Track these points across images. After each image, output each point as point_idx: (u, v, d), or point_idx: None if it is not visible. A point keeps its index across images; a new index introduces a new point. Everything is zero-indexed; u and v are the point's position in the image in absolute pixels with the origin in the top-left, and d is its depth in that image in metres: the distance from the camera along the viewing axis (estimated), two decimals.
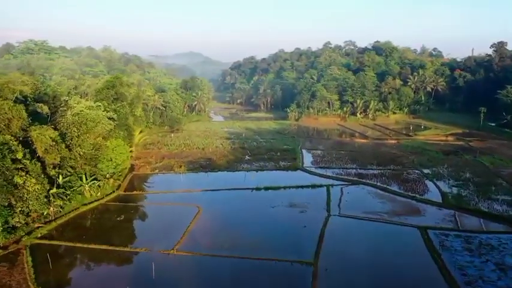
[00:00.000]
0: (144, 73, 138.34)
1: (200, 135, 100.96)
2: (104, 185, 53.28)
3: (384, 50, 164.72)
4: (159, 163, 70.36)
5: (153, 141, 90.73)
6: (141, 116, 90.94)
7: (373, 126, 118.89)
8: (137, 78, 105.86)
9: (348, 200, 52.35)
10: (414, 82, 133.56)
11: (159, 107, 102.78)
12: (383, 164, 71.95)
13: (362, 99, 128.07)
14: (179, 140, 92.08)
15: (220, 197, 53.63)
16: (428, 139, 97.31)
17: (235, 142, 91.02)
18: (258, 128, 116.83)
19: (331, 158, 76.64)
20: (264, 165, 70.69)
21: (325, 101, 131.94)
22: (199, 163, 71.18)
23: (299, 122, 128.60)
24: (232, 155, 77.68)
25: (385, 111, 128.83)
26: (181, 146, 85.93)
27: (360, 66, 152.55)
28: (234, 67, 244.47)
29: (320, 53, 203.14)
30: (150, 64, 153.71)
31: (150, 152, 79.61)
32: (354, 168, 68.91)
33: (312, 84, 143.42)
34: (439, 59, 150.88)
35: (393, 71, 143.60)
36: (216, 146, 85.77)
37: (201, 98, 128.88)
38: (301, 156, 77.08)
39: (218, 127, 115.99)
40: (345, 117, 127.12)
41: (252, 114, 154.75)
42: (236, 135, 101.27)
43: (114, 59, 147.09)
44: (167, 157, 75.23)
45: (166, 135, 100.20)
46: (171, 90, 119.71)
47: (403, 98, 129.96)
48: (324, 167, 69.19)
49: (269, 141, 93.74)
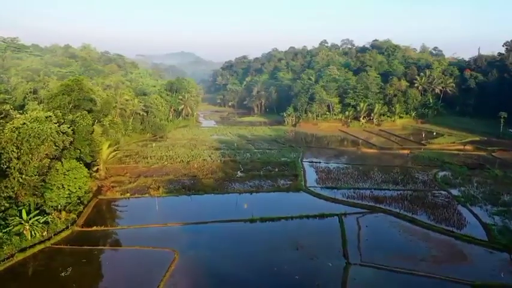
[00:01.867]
0: (126, 74, 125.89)
1: (186, 144, 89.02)
2: (53, 220, 41.16)
3: (386, 49, 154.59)
4: (133, 183, 58.23)
5: (130, 153, 78.63)
6: (116, 124, 78.72)
7: (379, 132, 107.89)
8: (114, 80, 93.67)
9: (368, 238, 40.77)
10: (421, 83, 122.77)
11: (139, 112, 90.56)
12: (400, 181, 60.72)
13: (365, 102, 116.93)
14: (161, 151, 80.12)
15: (204, 235, 41.71)
16: (444, 148, 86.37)
17: (226, 153, 79.25)
18: (252, 135, 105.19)
19: (338, 174, 65.13)
20: (259, 184, 58.92)
21: (324, 104, 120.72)
22: (181, 182, 59.22)
23: (297, 127, 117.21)
24: (222, 170, 65.84)
25: (390, 116, 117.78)
26: (163, 158, 73.91)
27: (361, 66, 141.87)
28: (225, 67, 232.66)
29: (316, 52, 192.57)
30: (133, 64, 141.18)
31: (125, 168, 67.51)
32: (367, 188, 57.43)
33: (309, 85, 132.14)
34: (446, 59, 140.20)
35: (397, 71, 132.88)
36: (203, 159, 73.91)
37: (188, 101, 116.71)
38: (303, 172, 65.45)
39: (207, 134, 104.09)
40: (347, 122, 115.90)
41: (244, 118, 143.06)
42: (227, 144, 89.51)
43: (93, 58, 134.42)
44: (144, 174, 63.22)
45: (148, 145, 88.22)
46: (155, 92, 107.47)
47: (409, 101, 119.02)
48: (331, 187, 57.58)
49: (265, 152, 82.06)
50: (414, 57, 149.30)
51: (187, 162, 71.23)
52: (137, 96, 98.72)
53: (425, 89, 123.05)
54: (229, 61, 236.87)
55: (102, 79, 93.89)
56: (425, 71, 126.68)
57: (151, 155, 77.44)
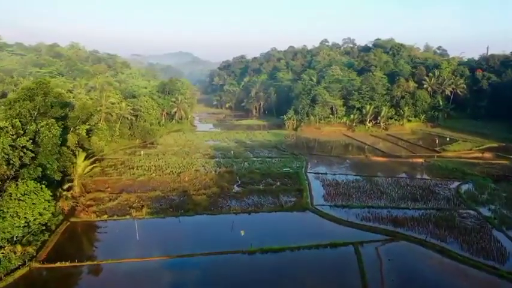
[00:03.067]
0: (117, 74, 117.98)
1: (178, 151, 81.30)
2: (6, 256, 33.47)
3: (391, 48, 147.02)
4: (114, 201, 50.52)
5: (115, 163, 70.83)
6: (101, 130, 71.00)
7: (386, 137, 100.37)
8: (100, 81, 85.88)
9: (394, 277, 33.27)
10: (431, 84, 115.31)
11: (127, 116, 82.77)
12: (420, 197, 53.25)
13: (371, 104, 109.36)
14: (150, 160, 72.40)
15: (191, 274, 34.09)
16: (461, 156, 78.88)
17: (222, 163, 71.57)
18: (250, 140, 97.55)
19: (347, 188, 57.50)
20: (258, 202, 51.29)
21: (327, 107, 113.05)
22: (169, 200, 51.56)
23: (298, 131, 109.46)
24: (217, 184, 58.17)
25: (398, 119, 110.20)
26: (151, 169, 66.19)
27: (365, 66, 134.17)
28: (222, 67, 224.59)
29: (317, 52, 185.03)
30: (124, 64, 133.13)
31: (107, 181, 59.72)
32: (384, 207, 49.90)
33: (311, 86, 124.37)
34: (455, 58, 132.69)
35: (403, 72, 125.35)
36: (196, 170, 66.23)
37: (182, 103, 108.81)
38: (308, 186, 57.82)
39: (202, 140, 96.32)
40: (352, 126, 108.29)
41: (242, 121, 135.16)
42: (223, 152, 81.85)
43: (80, 57, 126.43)
44: (128, 189, 55.50)
45: (136, 152, 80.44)
46: (145, 94, 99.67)
47: (418, 103, 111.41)
48: (342, 206, 50.01)
49: (264, 160, 74.37)
50: (421, 57, 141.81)
51: (178, 173, 63.49)
52: (126, 98, 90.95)
53: (435, 90, 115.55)
54: (226, 61, 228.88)
55: (86, 80, 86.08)
56: (434, 71, 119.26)
57: (138, 164, 69.74)
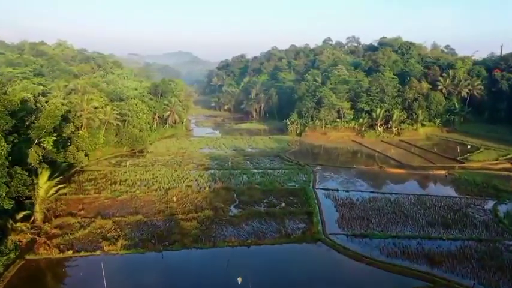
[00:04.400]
0: (106, 74, 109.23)
1: (169, 161, 72.64)
2: None
3: (399, 47, 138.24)
4: (85, 229, 41.74)
5: (96, 176, 62.13)
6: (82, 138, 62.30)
7: (399, 143, 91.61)
8: (82, 83, 77.17)
9: None
10: (445, 85, 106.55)
11: (112, 121, 73.93)
12: (452, 222, 44.53)
13: (382, 107, 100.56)
14: (136, 173, 63.77)
15: None
16: (487, 167, 70.07)
17: (217, 176, 62.85)
18: (250, 147, 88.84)
19: (365, 209, 48.73)
20: (260, 229, 42.54)
21: (334, 110, 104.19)
22: (152, 227, 42.82)
23: (302, 137, 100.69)
24: (210, 204, 49.44)
25: (411, 123, 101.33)
26: (135, 185, 57.55)
27: (373, 66, 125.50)
28: (221, 67, 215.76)
29: (320, 51, 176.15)
30: (115, 63, 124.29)
31: (82, 200, 51.04)
32: (412, 236, 41.13)
33: (315, 87, 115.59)
34: (470, 57, 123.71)
35: (414, 72, 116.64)
36: (187, 185, 57.52)
37: (176, 106, 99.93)
38: (319, 207, 49.07)
39: (197, 146, 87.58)
40: (362, 131, 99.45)
41: (242, 124, 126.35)
42: (220, 162, 73.16)
43: (67, 56, 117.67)
44: (104, 212, 46.82)
45: (122, 162, 71.79)
46: (135, 97, 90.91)
47: (432, 106, 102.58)
48: (361, 235, 41.25)
49: (266, 172, 65.61)
50: (432, 56, 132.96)
51: (166, 190, 54.71)
52: (112, 101, 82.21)
53: (450, 92, 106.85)
54: (225, 60, 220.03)
55: (65, 82, 77.26)
56: (448, 71, 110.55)
57: (122, 178, 61.08)
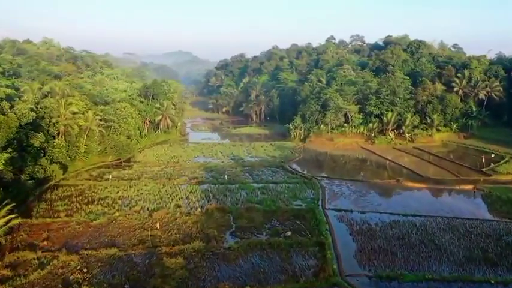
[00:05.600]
0: (95, 74, 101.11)
1: (158, 173, 64.58)
2: None
3: (409, 45, 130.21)
4: (43, 269, 33.52)
5: (72, 193, 54.00)
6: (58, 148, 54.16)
7: (413, 151, 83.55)
8: (60, 85, 68.71)
9: None
10: (461, 87, 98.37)
11: (94, 128, 65.77)
12: (495, 256, 36.33)
13: (393, 111, 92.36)
14: (118, 189, 55.69)
15: None
16: None
17: (211, 192, 54.72)
18: (250, 155, 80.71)
19: (387, 238, 40.40)
20: (261, 268, 34.32)
21: (341, 114, 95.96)
22: (128, 264, 34.61)
23: (306, 143, 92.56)
24: (202, 231, 41.27)
25: (425, 128, 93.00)
26: (116, 204, 49.42)
27: (381, 66, 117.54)
28: (220, 66, 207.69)
29: (323, 50, 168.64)
30: (105, 63, 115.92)
31: (50, 225, 42.94)
32: (450, 279, 32.87)
33: (320, 89, 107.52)
34: (485, 56, 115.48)
35: (425, 72, 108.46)
36: (176, 204, 49.41)
37: (168, 110, 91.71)
38: (331, 235, 40.85)
39: (191, 155, 79.47)
40: (371, 137, 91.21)
41: (241, 129, 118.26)
42: (215, 173, 65.09)
43: (52, 55, 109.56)
44: (72, 243, 38.67)
45: (105, 174, 63.71)
46: (124, 100, 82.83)
47: (448, 110, 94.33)
48: (387, 278, 33.03)
49: (268, 187, 57.33)
50: (444, 55, 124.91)
51: (151, 212, 46.52)
52: (97, 105, 74.16)
53: (467, 94, 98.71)
54: (224, 60, 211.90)
55: (39, 84, 68.99)
56: (463, 71, 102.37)
57: (101, 195, 53.01)
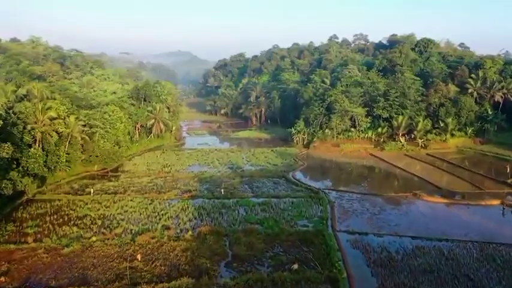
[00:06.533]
0: (84, 75, 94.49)
1: (147, 186, 58.00)
2: None
3: (416, 44, 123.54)
4: None
5: (46, 210, 47.45)
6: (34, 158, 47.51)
7: (427, 158, 76.96)
8: (39, 87, 61.89)
9: None
10: (476, 89, 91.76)
11: (76, 135, 59.16)
12: None
13: (404, 115, 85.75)
14: (100, 205, 49.15)
15: None
16: None
17: (206, 208, 48.14)
18: (249, 163, 74.10)
19: (412, 271, 33.65)
20: None
21: (347, 117, 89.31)
22: None
23: (310, 149, 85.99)
24: (191, 262, 34.65)
25: (438, 133, 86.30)
26: (94, 225, 42.83)
27: (388, 66, 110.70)
28: (218, 66, 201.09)
29: (326, 49, 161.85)
30: (96, 63, 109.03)
31: (13, 254, 36.40)
32: None
33: (324, 90, 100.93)
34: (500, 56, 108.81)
35: (435, 72, 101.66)
36: (164, 225, 42.78)
37: (161, 113, 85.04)
38: (345, 266, 34.24)
39: (185, 163, 72.88)
40: (381, 142, 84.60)
41: (240, 133, 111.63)
42: (211, 185, 58.54)
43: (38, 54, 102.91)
44: (35, 280, 32.05)
45: (88, 187, 57.16)
46: (113, 102, 76.26)
47: (463, 113, 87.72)
48: None
49: (269, 203, 50.60)
50: (454, 54, 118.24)
51: (134, 236, 39.88)
52: (82, 108, 67.64)
53: (482, 96, 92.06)
54: (223, 59, 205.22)
55: (13, 86, 62.23)
56: (477, 72, 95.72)
57: (80, 213, 46.52)
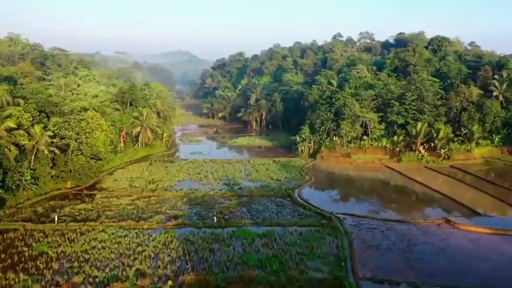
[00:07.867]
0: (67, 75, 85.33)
1: (125, 209, 48.57)
2: None
3: (430, 42, 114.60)
4: None
5: None
6: None
7: (450, 171, 67.57)
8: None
9: None
10: (501, 91, 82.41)
11: (42, 148, 49.84)
12: None
13: (423, 121, 76.28)
14: (63, 238, 39.68)
15: None
16: None
17: (193, 242, 38.68)
18: (248, 177, 64.55)
19: None
20: None
21: (358, 123, 79.86)
22: None
23: (317, 160, 76.51)
24: None
25: (461, 141, 76.89)
26: (48, 270, 33.34)
27: (401, 66, 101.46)
28: (217, 66, 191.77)
29: (329, 48, 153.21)
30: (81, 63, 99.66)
31: None
32: None
33: (331, 93, 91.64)
34: None
35: (453, 73, 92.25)
36: (139, 271, 33.28)
37: (149, 119, 75.35)
38: None
39: (174, 178, 63.31)
40: (397, 152, 75.10)
41: (238, 139, 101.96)
42: (202, 209, 49.08)
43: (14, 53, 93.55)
44: None
45: (56, 211, 47.77)
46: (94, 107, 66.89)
47: (487, 119, 78.30)
48: None
49: (272, 233, 40.95)
50: (472, 54, 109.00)
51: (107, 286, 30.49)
52: (53, 115, 58.31)
53: (508, 99, 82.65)
54: (221, 59, 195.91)
55: None
56: (500, 72, 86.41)
57: (35, 250, 37.06)
